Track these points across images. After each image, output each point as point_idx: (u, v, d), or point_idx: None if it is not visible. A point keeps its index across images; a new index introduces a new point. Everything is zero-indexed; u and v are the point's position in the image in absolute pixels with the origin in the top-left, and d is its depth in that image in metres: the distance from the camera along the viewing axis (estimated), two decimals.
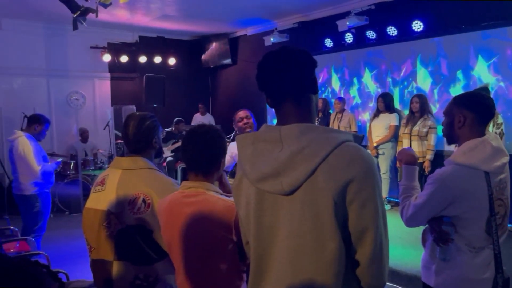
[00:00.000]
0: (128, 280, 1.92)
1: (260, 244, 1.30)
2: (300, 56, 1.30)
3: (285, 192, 1.21)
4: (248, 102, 9.36)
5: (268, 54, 1.32)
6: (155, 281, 1.94)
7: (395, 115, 6.07)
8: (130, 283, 1.92)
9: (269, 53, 1.31)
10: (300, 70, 1.29)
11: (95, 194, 2.03)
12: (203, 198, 1.68)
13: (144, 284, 1.92)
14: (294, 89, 1.28)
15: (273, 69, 1.29)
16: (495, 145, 1.89)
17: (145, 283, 1.92)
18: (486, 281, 1.91)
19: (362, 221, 1.18)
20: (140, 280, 1.92)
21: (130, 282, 1.91)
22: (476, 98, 1.96)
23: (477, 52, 5.54)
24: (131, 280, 1.91)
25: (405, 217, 1.97)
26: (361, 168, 1.17)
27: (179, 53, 9.88)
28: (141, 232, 1.90)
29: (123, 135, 2.07)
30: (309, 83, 1.30)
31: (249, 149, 1.30)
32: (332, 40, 7.32)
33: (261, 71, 1.32)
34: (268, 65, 1.31)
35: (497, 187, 1.89)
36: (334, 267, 1.19)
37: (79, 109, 8.81)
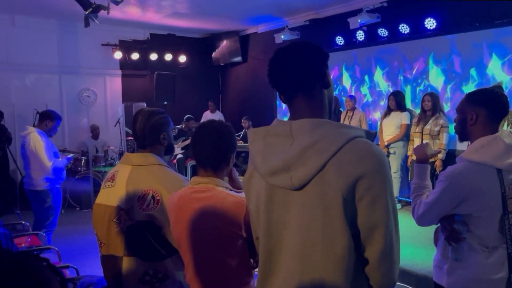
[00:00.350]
0: (138, 276, 1.92)
1: (269, 239, 1.29)
2: (309, 49, 1.29)
3: (294, 187, 1.20)
4: (258, 100, 9.36)
5: (279, 50, 1.31)
6: (164, 277, 1.94)
7: (406, 113, 6.00)
8: (139, 279, 1.92)
9: (280, 49, 1.31)
10: (310, 64, 1.27)
11: (105, 190, 2.04)
12: (213, 194, 1.68)
13: (153, 280, 1.93)
14: (304, 83, 1.27)
15: (283, 64, 1.29)
16: (508, 142, 1.85)
17: (154, 279, 1.93)
18: (499, 281, 1.87)
19: (372, 218, 1.17)
20: (149, 276, 1.92)
21: (140, 278, 1.92)
22: (488, 95, 1.92)
23: (491, 50, 5.45)
24: (140, 276, 1.92)
25: (417, 216, 1.94)
26: (372, 164, 1.16)
27: (189, 51, 9.90)
28: (150, 228, 1.90)
29: (132, 131, 2.08)
30: (319, 76, 1.28)
31: (260, 143, 1.29)
32: (343, 37, 7.26)
33: (272, 67, 1.31)
34: (278, 61, 1.30)
35: (510, 185, 1.85)
36: (343, 264, 1.18)
37: (90, 106, 8.87)
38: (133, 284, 1.93)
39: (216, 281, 1.69)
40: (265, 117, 8.41)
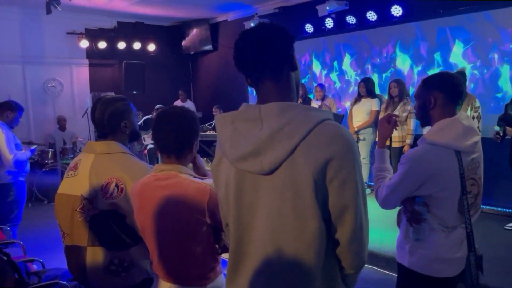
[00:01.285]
0: (103, 265, 1.90)
1: (239, 225, 1.28)
2: (276, 31, 1.26)
3: (265, 171, 1.19)
4: (230, 88, 9.31)
5: (244, 32, 1.28)
6: (130, 266, 1.92)
7: (376, 100, 6.10)
8: (104, 269, 1.90)
9: (245, 31, 1.28)
10: (277, 46, 1.24)
11: (67, 179, 2.00)
12: (176, 181, 1.66)
13: (119, 270, 1.91)
14: (271, 66, 1.25)
15: (249, 46, 1.25)
16: (466, 124, 1.89)
17: (120, 268, 1.91)
18: (459, 259, 1.94)
19: (342, 200, 1.17)
20: (115, 265, 1.90)
21: (105, 267, 1.90)
22: (443, 78, 1.97)
23: (455, 37, 5.58)
24: (105, 265, 1.89)
25: (380, 199, 1.98)
26: (341, 146, 1.16)
27: (158, 39, 9.73)
28: (114, 217, 1.87)
29: (92, 119, 2.02)
30: (286, 59, 1.26)
31: (228, 128, 1.27)
32: (313, 25, 7.28)
33: (238, 50, 1.28)
34: (244, 43, 1.27)
35: (469, 166, 1.90)
36: (315, 247, 1.19)
37: (56, 96, 8.63)
38: (98, 274, 1.91)
39: (181, 267, 1.68)
40: (237, 105, 8.09)
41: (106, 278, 1.91)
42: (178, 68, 10.40)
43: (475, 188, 1.95)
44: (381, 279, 3.85)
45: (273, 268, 1.22)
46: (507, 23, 5.06)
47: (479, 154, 1.96)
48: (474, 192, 1.95)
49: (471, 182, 1.92)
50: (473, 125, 1.93)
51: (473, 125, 1.94)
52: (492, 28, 5.20)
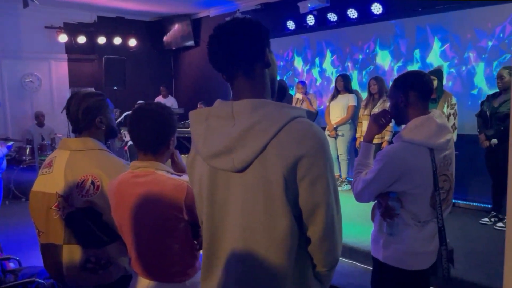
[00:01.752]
0: (79, 263, 1.88)
1: (212, 222, 1.28)
2: (248, 26, 1.23)
3: (236, 169, 1.19)
4: (212, 84, 9.28)
5: (217, 27, 1.26)
6: (108, 263, 1.91)
7: (353, 95, 6.18)
8: (81, 266, 1.88)
9: (218, 26, 1.26)
10: (248, 41, 1.22)
11: (42, 177, 1.96)
12: (153, 178, 1.65)
13: (96, 267, 1.89)
14: (243, 61, 1.23)
15: (221, 42, 1.24)
16: (440, 122, 1.94)
17: (97, 266, 1.89)
18: (431, 253, 1.99)
19: (313, 198, 1.18)
20: (91, 263, 1.89)
21: (81, 265, 1.88)
22: (412, 77, 2.02)
23: (433, 35, 5.68)
24: (82, 263, 1.88)
25: (355, 192, 2.02)
26: (312, 144, 1.16)
27: (140, 34, 9.62)
28: (91, 214, 1.86)
29: (67, 115, 1.99)
30: (258, 55, 1.25)
31: (202, 125, 1.27)
32: (294, 22, 7.31)
33: (210, 46, 1.26)
34: (216, 39, 1.25)
35: (441, 163, 1.95)
36: (286, 245, 1.19)
37: (34, 92, 8.47)
38: (75, 272, 1.89)
39: (159, 264, 1.68)
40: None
41: (83, 276, 1.89)
42: (160, 63, 10.30)
43: (447, 183, 2.00)
44: (360, 273, 3.89)
45: (244, 266, 1.22)
46: (483, 22, 5.17)
47: (451, 151, 2.01)
48: (446, 188, 2.00)
49: (444, 178, 1.97)
50: (446, 123, 1.99)
51: (446, 123, 2.00)
52: (469, 27, 5.30)
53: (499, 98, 4.40)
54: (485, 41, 5.17)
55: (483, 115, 4.54)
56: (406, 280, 2.00)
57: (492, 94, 4.56)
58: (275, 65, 1.33)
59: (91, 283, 1.91)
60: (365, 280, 3.81)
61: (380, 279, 2.10)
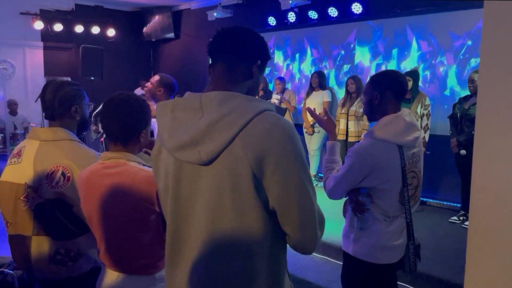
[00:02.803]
0: (48, 255, 1.85)
1: (176, 216, 1.26)
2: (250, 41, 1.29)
3: (203, 162, 1.16)
4: (191, 77, 9.21)
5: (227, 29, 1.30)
6: (77, 255, 1.88)
7: (327, 91, 6.27)
8: (50, 258, 1.85)
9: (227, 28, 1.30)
10: (241, 55, 1.27)
11: (11, 167, 1.91)
12: (124, 169, 1.63)
13: (65, 259, 1.87)
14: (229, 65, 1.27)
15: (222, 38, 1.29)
16: (408, 120, 1.99)
17: (66, 258, 1.87)
18: (398, 247, 2.05)
19: (287, 193, 1.16)
20: (61, 255, 1.86)
21: (50, 257, 1.85)
22: (389, 76, 2.06)
23: (412, 36, 5.79)
24: (51, 255, 1.85)
25: (327, 189, 2.05)
26: (280, 137, 1.14)
27: (119, 24, 9.47)
28: (60, 206, 1.83)
29: (41, 102, 1.94)
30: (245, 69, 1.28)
31: (168, 117, 1.24)
32: (276, 18, 7.33)
33: (215, 37, 1.30)
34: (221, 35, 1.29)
35: (410, 160, 2.01)
36: (256, 237, 1.17)
37: (7, 79, 8.25)
38: (43, 263, 1.86)
39: (128, 256, 1.66)
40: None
41: (51, 268, 1.87)
42: (139, 55, 10.17)
43: (415, 180, 2.06)
44: (332, 268, 3.94)
45: (212, 259, 1.20)
46: (457, 26, 5.29)
47: (419, 149, 2.07)
48: (414, 184, 2.06)
49: (412, 174, 2.03)
50: (414, 121, 2.04)
51: (415, 121, 2.05)
52: (444, 29, 5.42)
53: (470, 100, 4.53)
54: (459, 44, 5.31)
55: (454, 117, 4.66)
56: (374, 273, 2.05)
57: (464, 97, 4.69)
58: (256, 84, 1.33)
59: (60, 275, 1.89)
60: (337, 275, 3.84)
61: (349, 273, 2.15)
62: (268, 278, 1.22)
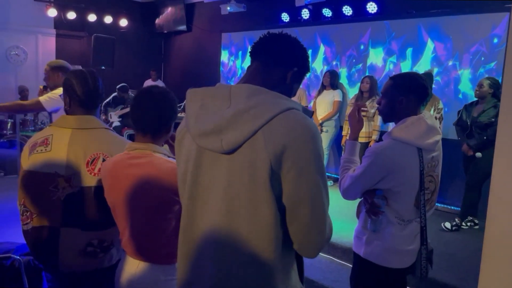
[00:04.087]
0: (78, 247, 1.81)
1: (193, 202, 1.27)
2: (301, 48, 1.35)
3: (224, 150, 1.18)
4: (202, 71, 9.21)
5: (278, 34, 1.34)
6: (110, 245, 1.86)
7: (338, 91, 6.23)
8: (79, 251, 1.81)
9: (278, 34, 1.34)
10: (286, 48, 1.32)
11: (37, 155, 1.84)
12: (149, 160, 1.65)
13: (97, 251, 1.84)
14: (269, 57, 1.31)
15: (275, 38, 1.33)
16: (430, 123, 1.97)
17: (98, 249, 1.84)
18: (411, 252, 2.02)
19: (298, 191, 1.16)
20: (93, 246, 1.83)
21: (80, 249, 1.81)
22: (415, 81, 2.02)
23: (427, 37, 5.73)
24: (81, 247, 1.81)
25: (342, 189, 2.03)
26: (301, 135, 1.15)
27: (131, 15, 9.47)
28: (100, 193, 1.79)
29: (78, 91, 1.89)
30: (286, 62, 1.32)
31: (197, 104, 1.27)
32: (289, 14, 7.29)
33: (266, 37, 1.34)
34: (265, 39, 1.33)
35: (429, 164, 1.98)
36: (269, 232, 1.18)
37: (19, 65, 8.28)
38: (71, 256, 1.82)
39: (152, 245, 1.67)
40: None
41: (79, 260, 1.82)
42: (150, 46, 10.17)
43: (432, 185, 2.04)
44: (337, 268, 3.94)
45: (225, 248, 1.21)
46: (473, 29, 5.23)
47: (439, 153, 2.04)
48: (431, 189, 2.04)
49: (429, 179, 2.00)
50: (435, 125, 2.01)
51: (436, 125, 2.02)
52: (460, 32, 5.36)
53: (477, 107, 4.49)
54: (475, 48, 5.24)
55: (462, 124, 4.61)
56: (384, 277, 2.03)
57: (469, 104, 4.65)
58: (289, 90, 1.35)
59: (88, 268, 1.85)
60: (341, 275, 3.86)
61: (359, 275, 2.13)
62: (278, 274, 1.22)
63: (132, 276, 1.68)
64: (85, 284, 1.89)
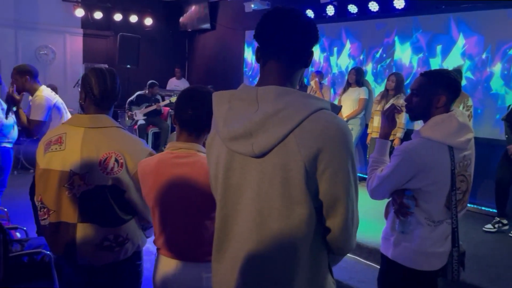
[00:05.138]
0: (95, 242, 1.85)
1: (226, 204, 1.28)
2: (310, 26, 1.26)
3: (255, 154, 1.18)
4: (225, 69, 9.23)
5: (282, 8, 1.26)
6: (125, 240, 1.90)
7: (364, 88, 6.13)
8: (96, 245, 1.86)
9: (284, 8, 1.26)
10: (304, 38, 1.25)
11: (52, 154, 1.88)
12: (196, 160, 1.66)
13: (113, 245, 1.88)
14: (289, 51, 1.25)
15: (279, 22, 1.24)
16: (461, 121, 1.90)
17: (114, 244, 1.88)
18: (442, 254, 1.96)
19: (334, 191, 1.17)
20: (109, 241, 1.87)
21: (97, 244, 1.86)
22: (451, 78, 1.94)
23: (456, 33, 5.57)
24: (97, 242, 1.86)
25: (370, 189, 1.99)
26: (335, 136, 1.15)
27: (156, 14, 9.57)
28: (115, 192, 1.83)
29: (95, 90, 1.91)
30: (306, 54, 1.27)
31: (224, 107, 1.26)
32: (313, 11, 7.20)
33: (266, 20, 1.26)
34: (276, 17, 1.25)
35: (460, 163, 1.91)
36: (302, 232, 1.19)
37: (48, 64, 8.49)
38: (89, 250, 1.87)
39: (194, 243, 1.68)
40: (232, 87, 8.05)
41: (97, 254, 1.87)
42: (174, 44, 10.26)
43: (464, 184, 1.97)
44: (362, 268, 3.90)
45: (257, 250, 1.22)
46: (506, 24, 5.05)
47: (471, 152, 1.97)
48: (463, 189, 1.97)
49: (461, 178, 1.93)
50: (467, 122, 1.94)
51: (468, 122, 1.95)
52: (491, 28, 5.19)
53: None
54: (508, 45, 5.06)
55: (510, 119, 4.41)
56: (413, 280, 1.97)
57: None
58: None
59: (105, 261, 1.90)
60: (366, 275, 3.81)
61: (387, 277, 2.08)
62: (309, 273, 1.24)
63: (171, 275, 1.69)
64: (102, 277, 1.94)
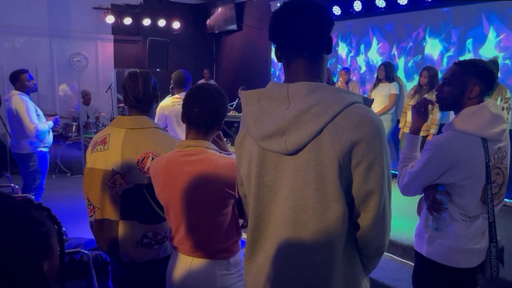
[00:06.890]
0: (136, 239, 1.93)
1: (259, 203, 1.28)
2: (322, 10, 1.21)
3: (289, 152, 1.18)
4: (252, 70, 9.25)
5: (288, 3, 1.22)
6: (164, 238, 1.96)
7: (395, 83, 6.00)
8: (137, 242, 1.93)
9: (290, 2, 1.22)
10: (320, 27, 1.21)
11: (97, 154, 1.99)
12: (205, 157, 1.67)
13: (152, 243, 1.94)
14: (310, 46, 1.22)
15: (291, 19, 1.20)
16: (494, 112, 1.82)
17: (153, 241, 1.94)
18: (479, 251, 1.89)
19: (368, 185, 1.15)
20: (148, 238, 1.93)
21: (137, 241, 1.93)
22: (486, 68, 1.86)
23: (489, 24, 5.37)
24: (138, 239, 1.93)
25: (401, 185, 1.94)
26: (369, 130, 1.13)
27: (183, 17, 9.70)
28: (151, 190, 1.86)
29: (129, 94, 1.99)
30: (325, 39, 1.23)
31: (254, 106, 1.26)
32: (340, 7, 7.13)
33: (277, 20, 1.23)
34: (287, 15, 1.20)
35: (495, 155, 1.84)
36: (336, 229, 1.17)
37: (81, 71, 8.70)
38: (130, 247, 1.94)
39: (209, 240, 1.69)
40: (259, 86, 8.21)
41: (138, 251, 1.94)
42: (202, 47, 10.37)
43: (500, 177, 1.89)
44: (397, 266, 3.83)
45: (292, 248, 1.22)
46: None
47: (506, 143, 1.89)
48: (499, 182, 1.89)
49: (497, 171, 1.86)
50: (501, 113, 1.86)
51: (501, 113, 1.87)
52: None
53: None
54: None
55: None
56: (450, 277, 1.91)
57: None
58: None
59: (146, 258, 1.96)
60: (401, 273, 3.73)
61: (422, 275, 2.02)
62: (345, 270, 1.23)
63: (187, 273, 1.70)
64: (144, 273, 2.00)
